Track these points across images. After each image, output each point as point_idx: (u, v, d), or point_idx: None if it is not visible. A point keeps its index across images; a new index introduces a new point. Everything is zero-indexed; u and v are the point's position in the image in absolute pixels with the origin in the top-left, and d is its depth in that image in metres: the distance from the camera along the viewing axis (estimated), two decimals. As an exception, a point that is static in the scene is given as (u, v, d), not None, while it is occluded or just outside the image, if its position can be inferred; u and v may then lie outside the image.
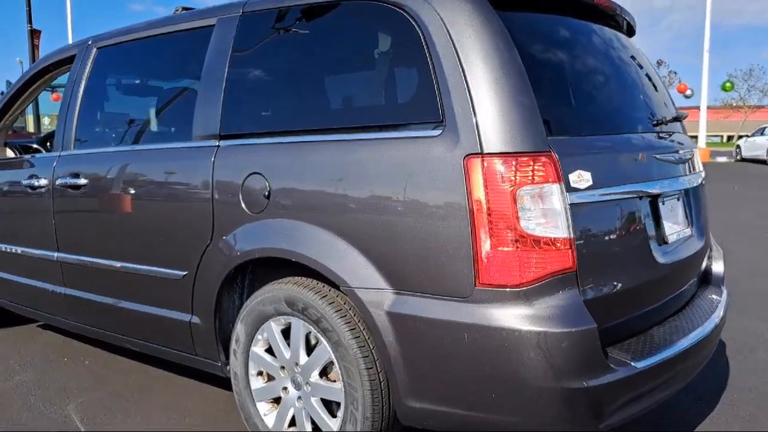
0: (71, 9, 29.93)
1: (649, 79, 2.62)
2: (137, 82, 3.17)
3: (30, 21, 41.48)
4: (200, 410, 2.88)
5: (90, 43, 3.19)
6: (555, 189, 1.79)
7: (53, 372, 3.39)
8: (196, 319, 2.56)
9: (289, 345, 2.29)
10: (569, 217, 1.80)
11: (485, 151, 1.79)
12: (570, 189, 1.83)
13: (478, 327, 1.79)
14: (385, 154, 1.97)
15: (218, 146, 2.44)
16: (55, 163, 3.11)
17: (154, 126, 2.96)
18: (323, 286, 2.18)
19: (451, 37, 1.90)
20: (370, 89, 2.19)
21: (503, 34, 1.89)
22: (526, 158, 1.78)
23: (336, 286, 2.13)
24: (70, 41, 31.12)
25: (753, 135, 25.14)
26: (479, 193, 1.77)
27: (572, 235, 1.81)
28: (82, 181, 2.92)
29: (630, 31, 2.76)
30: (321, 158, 2.12)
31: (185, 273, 2.55)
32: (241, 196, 2.33)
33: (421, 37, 1.96)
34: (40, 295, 3.35)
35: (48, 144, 4.11)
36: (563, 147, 1.86)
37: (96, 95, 3.14)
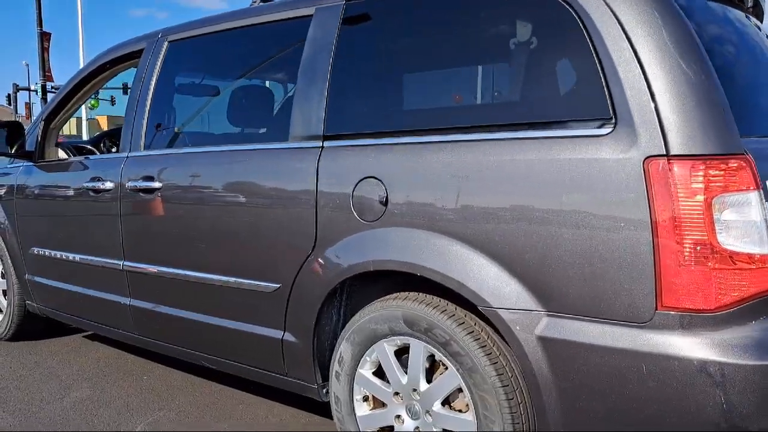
0: (81, 12, 29.96)
1: None
2: (216, 78, 2.95)
3: (40, 24, 41.70)
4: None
5: (160, 36, 2.97)
6: (753, 197, 1.55)
7: (111, 388, 3.16)
8: (289, 337, 2.33)
9: (404, 368, 2.06)
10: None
11: (672, 152, 1.54)
12: None
13: (660, 357, 1.55)
14: (537, 155, 1.73)
15: (322, 147, 2.20)
16: (122, 165, 2.89)
17: (237, 126, 2.74)
18: (447, 304, 1.95)
19: (619, 21, 1.66)
20: (514, 82, 1.96)
21: (682, 17, 1.65)
22: (720, 162, 1.54)
23: (468, 305, 1.89)
24: (81, 44, 31.11)
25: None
26: (665, 201, 1.53)
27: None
28: (156, 184, 2.69)
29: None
30: (453, 160, 1.88)
31: (278, 286, 2.31)
32: (351, 203, 2.09)
33: (580, 20, 1.72)
34: (100, 305, 3.12)
35: (101, 145, 3.90)
36: (755, 149, 1.62)
37: (168, 92, 2.92)
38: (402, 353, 2.09)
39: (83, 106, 33.15)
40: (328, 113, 2.22)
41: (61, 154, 3.70)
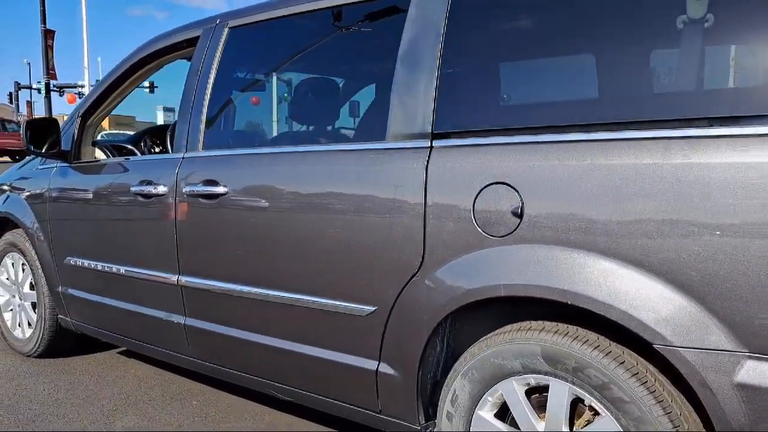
0: (86, 10, 29.64)
1: None
2: (288, 69, 2.62)
3: (44, 21, 41.52)
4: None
5: (218, 22, 2.64)
6: None
7: (159, 415, 2.83)
8: (386, 369, 2.00)
9: (538, 412, 1.73)
10: None
11: None
12: None
13: None
14: (739, 158, 1.40)
15: (431, 147, 1.87)
16: (178, 168, 2.56)
17: (317, 123, 2.40)
18: (598, 338, 1.62)
19: None
20: (688, 69, 1.62)
21: None
22: None
23: (627, 341, 1.56)
24: (85, 43, 30.77)
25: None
26: None
27: None
28: (221, 189, 2.36)
29: None
30: (622, 163, 1.54)
31: (373, 309, 1.99)
32: (473, 214, 1.76)
33: None
34: (148, 323, 2.80)
35: (142, 145, 3.57)
36: None
37: (230, 86, 2.59)
38: (531, 393, 1.76)
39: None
40: (437, 107, 1.88)
41: (99, 154, 3.37)
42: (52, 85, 40.14)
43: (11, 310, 3.71)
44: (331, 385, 2.18)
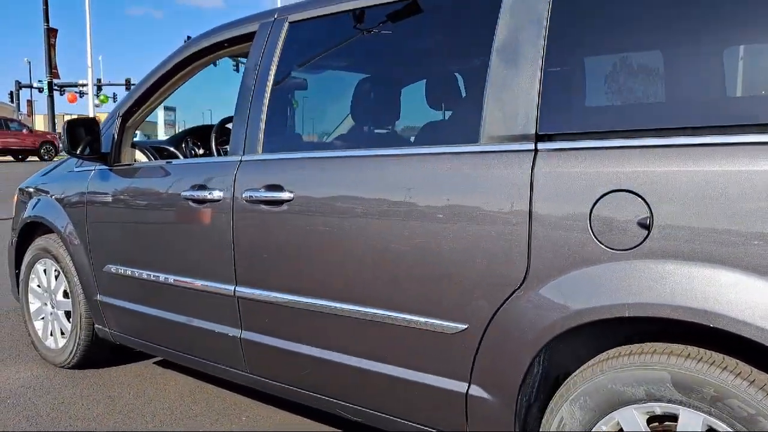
0: (89, 9, 29.48)
1: None
2: (357, 65, 2.45)
3: (47, 20, 41.35)
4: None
5: (277, 16, 2.48)
6: None
7: (209, 433, 2.68)
8: (478, 392, 1.84)
9: (662, 444, 1.57)
10: None
11: None
12: None
13: None
14: None
15: (536, 150, 1.71)
16: (236, 172, 2.40)
17: (392, 124, 2.24)
18: (737, 364, 1.46)
19: None
20: None
21: None
22: None
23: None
24: (89, 40, 30.64)
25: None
26: None
27: None
28: (286, 195, 2.21)
29: None
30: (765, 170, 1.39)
31: (464, 327, 1.83)
32: (590, 225, 1.60)
33: None
34: (198, 336, 2.64)
35: (183, 146, 3.41)
36: None
37: (292, 84, 2.43)
38: (651, 421, 1.60)
39: (92, 102, 32.70)
40: (542, 106, 1.72)
41: (139, 156, 3.22)
42: (54, 84, 40.09)
43: (43, 318, 3.55)
44: (413, 407, 2.02)
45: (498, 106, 1.80)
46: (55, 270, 3.40)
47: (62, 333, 3.44)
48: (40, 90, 43.17)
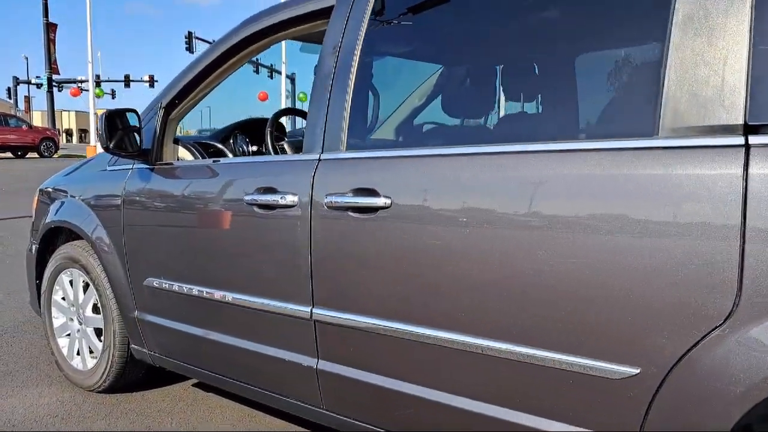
0: (90, 2, 28.97)
1: None
2: (474, 43, 2.06)
3: (46, 14, 40.76)
4: None
5: (360, -11, 2.09)
6: None
7: (272, 475, 2.30)
8: (650, 452, 1.46)
9: None
10: None
11: None
12: None
13: None
14: None
15: (747, 145, 1.33)
16: (314, 172, 2.02)
17: (528, 113, 1.86)
18: None
19: None
20: None
21: None
22: None
23: None
24: (89, 34, 30.22)
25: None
26: None
27: None
28: (381, 201, 1.83)
29: None
30: None
31: (635, 372, 1.45)
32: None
33: None
34: (263, 364, 2.26)
35: (231, 143, 3.03)
36: None
37: (382, 69, 2.04)
38: None
39: (92, 98, 32.15)
40: (752, 88, 1.35)
41: (183, 154, 2.83)
42: (53, 80, 39.54)
43: (68, 335, 3.17)
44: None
45: (684, 88, 1.42)
46: (84, 281, 3.02)
47: (91, 352, 3.06)
48: (39, 86, 42.66)
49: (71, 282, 3.09)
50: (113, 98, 52.70)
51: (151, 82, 45.88)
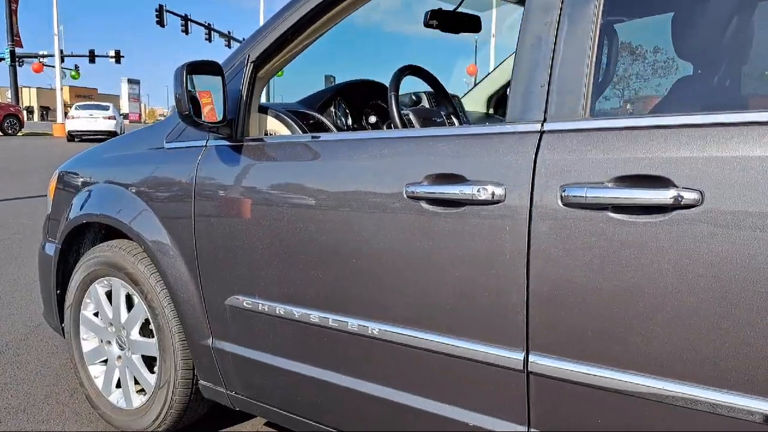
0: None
1: None
2: None
3: (5, -19, 38.80)
4: None
5: None
6: None
7: None
8: None
9: None
10: None
11: None
12: None
13: None
14: None
15: None
16: (535, 150, 1.35)
17: None
18: None
19: None
20: None
21: None
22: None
23: None
24: (55, 5, 28.64)
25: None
26: None
27: None
28: (669, 194, 1.17)
29: None
30: None
31: None
32: None
33: None
34: (430, 426, 1.59)
35: (333, 112, 2.33)
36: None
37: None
38: None
39: (59, 73, 30.55)
40: None
41: (273, 125, 2.11)
42: (18, 53, 37.49)
43: (104, 362, 2.45)
44: None
45: None
46: (127, 294, 2.30)
47: (136, 382, 2.35)
48: (1, 59, 40.56)
49: (109, 294, 2.37)
50: (78, 73, 50.43)
51: (117, 57, 44.08)
